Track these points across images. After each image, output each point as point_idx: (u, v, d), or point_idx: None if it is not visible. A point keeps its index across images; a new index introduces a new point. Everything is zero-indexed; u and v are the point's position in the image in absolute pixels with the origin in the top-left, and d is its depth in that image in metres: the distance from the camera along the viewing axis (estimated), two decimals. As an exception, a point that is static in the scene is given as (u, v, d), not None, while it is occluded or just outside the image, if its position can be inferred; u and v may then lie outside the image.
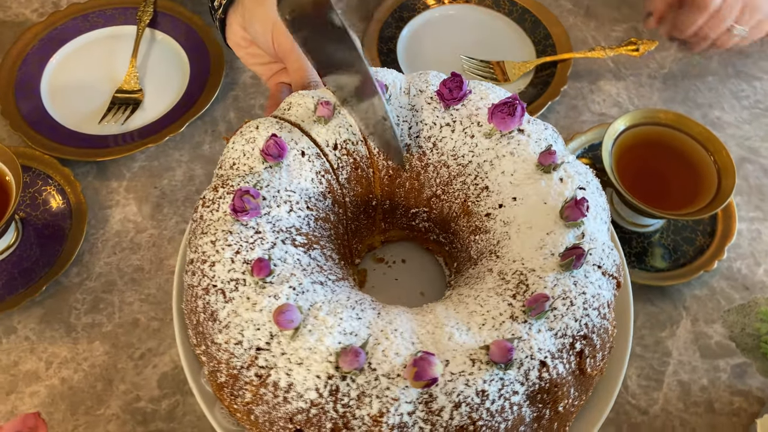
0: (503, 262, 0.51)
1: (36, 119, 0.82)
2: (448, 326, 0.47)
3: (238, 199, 0.49)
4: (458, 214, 0.58)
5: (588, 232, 0.50)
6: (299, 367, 0.45)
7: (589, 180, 0.54)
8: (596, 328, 0.48)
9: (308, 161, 0.54)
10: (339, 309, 0.47)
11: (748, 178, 0.84)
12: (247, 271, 0.48)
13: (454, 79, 0.55)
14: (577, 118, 0.89)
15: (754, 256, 0.78)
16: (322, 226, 0.54)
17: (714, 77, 0.93)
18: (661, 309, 0.74)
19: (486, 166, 0.56)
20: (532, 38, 0.93)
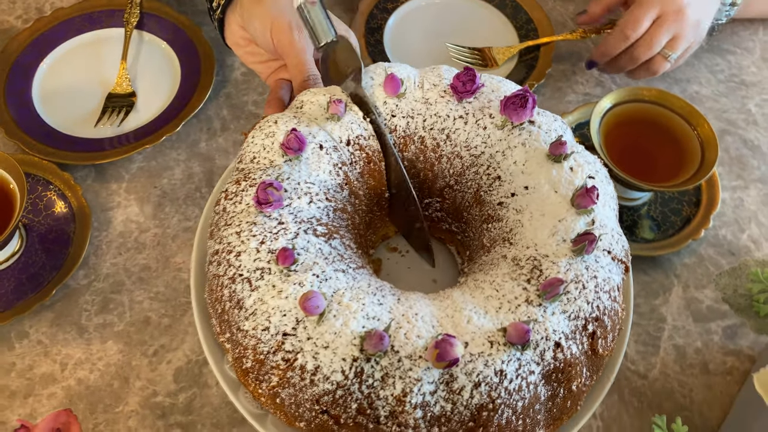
0: (517, 249, 0.54)
1: (31, 125, 0.82)
2: (466, 310, 0.49)
3: (262, 192, 0.50)
4: (471, 204, 0.60)
5: (598, 218, 0.53)
6: (325, 350, 0.47)
7: (597, 169, 0.57)
8: (607, 311, 0.51)
9: (326, 154, 0.56)
10: (361, 295, 0.49)
11: (729, 149, 0.88)
12: (272, 260, 0.50)
13: (467, 73, 0.58)
14: (563, 99, 0.91)
15: (738, 223, 0.82)
16: (340, 216, 0.56)
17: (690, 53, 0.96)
18: (654, 278, 0.78)
19: (498, 157, 0.58)
20: (514, 23, 0.95)
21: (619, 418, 0.69)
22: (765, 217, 0.83)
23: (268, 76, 0.75)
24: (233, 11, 0.73)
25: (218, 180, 0.81)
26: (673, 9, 0.79)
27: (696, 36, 0.83)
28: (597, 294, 0.50)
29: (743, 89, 0.93)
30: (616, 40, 0.82)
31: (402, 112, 0.59)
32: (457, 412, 0.46)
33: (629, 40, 0.80)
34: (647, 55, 0.82)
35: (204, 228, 0.64)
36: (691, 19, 0.80)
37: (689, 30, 0.81)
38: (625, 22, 0.80)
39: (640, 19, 0.79)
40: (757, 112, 0.91)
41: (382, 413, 0.46)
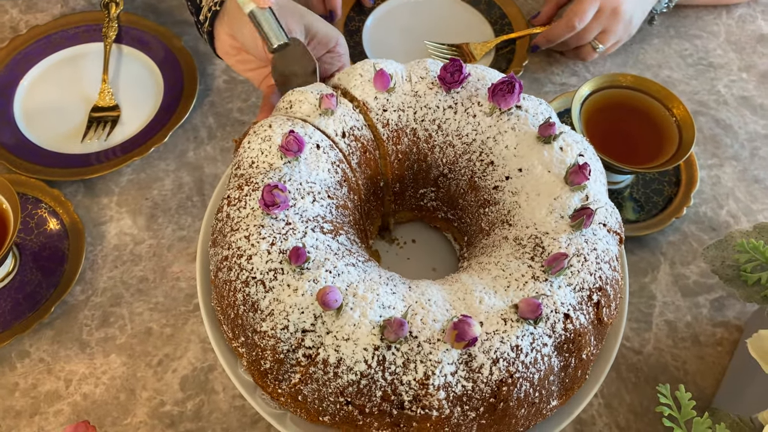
0: (517, 229, 0.56)
1: (15, 144, 0.82)
2: (476, 291, 0.51)
3: (268, 194, 0.51)
4: (466, 190, 0.62)
5: (591, 194, 0.55)
6: (347, 342, 0.48)
7: (585, 147, 0.59)
8: (609, 280, 0.53)
9: (323, 153, 0.57)
10: (374, 286, 0.51)
11: (702, 129, 0.91)
12: (284, 260, 0.51)
13: (454, 64, 0.59)
14: (541, 89, 0.94)
15: (716, 200, 0.85)
16: (342, 213, 0.57)
17: (659, 39, 1.00)
18: (641, 257, 0.80)
19: (490, 143, 0.60)
20: (488, 19, 0.97)
21: (618, 394, 0.71)
22: (741, 192, 0.86)
23: (260, 82, 0.76)
24: (221, 22, 0.73)
25: (208, 188, 0.82)
26: (611, 6, 0.86)
27: (626, 31, 0.91)
28: (598, 265, 0.52)
29: (712, 71, 0.97)
30: (562, 29, 0.88)
31: (393, 106, 0.61)
32: (478, 389, 0.48)
33: (575, 30, 0.87)
34: (577, 44, 0.91)
35: (206, 239, 0.64)
36: (625, 16, 0.88)
37: (620, 26, 0.89)
38: (573, 12, 0.86)
39: (586, 11, 0.86)
40: (726, 93, 0.95)
41: (406, 398, 0.47)
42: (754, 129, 0.91)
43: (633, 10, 0.89)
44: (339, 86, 0.63)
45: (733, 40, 1.00)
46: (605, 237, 0.55)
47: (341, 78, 0.63)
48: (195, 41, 0.94)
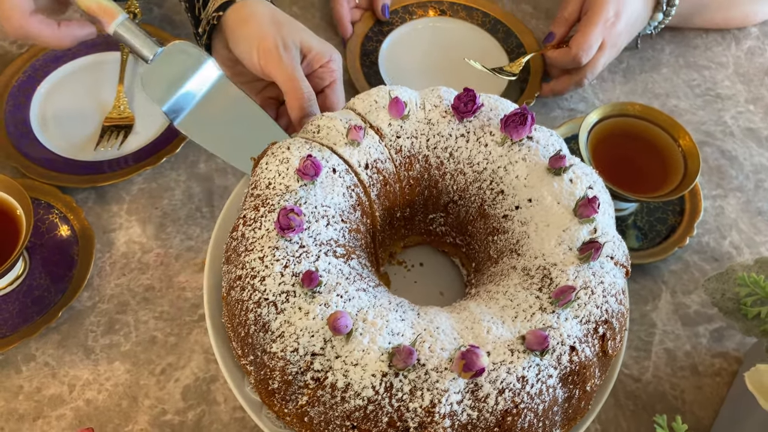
0: (525, 259, 0.57)
1: (30, 149, 0.83)
2: (484, 321, 0.52)
3: (284, 218, 0.52)
4: (475, 217, 0.63)
5: (600, 227, 0.56)
6: (355, 367, 0.49)
7: (595, 180, 0.60)
8: (615, 313, 0.54)
9: (339, 177, 0.58)
10: (384, 312, 0.52)
11: (708, 159, 0.92)
12: (296, 283, 0.52)
13: (467, 94, 0.60)
14: (549, 114, 0.95)
15: (719, 230, 0.86)
16: (355, 236, 0.58)
17: (668, 69, 1.01)
18: (643, 285, 0.81)
19: (500, 172, 0.61)
20: (505, 48, 0.99)
21: (615, 421, 0.71)
22: (744, 224, 0.87)
23: (257, 94, 0.77)
24: (218, 36, 0.75)
25: (218, 199, 0.83)
26: (611, 41, 0.89)
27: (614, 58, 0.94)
28: (605, 298, 0.53)
29: (719, 102, 0.98)
30: (568, 61, 0.90)
31: (406, 133, 0.62)
32: (483, 418, 0.48)
33: (581, 64, 0.89)
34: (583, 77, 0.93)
35: (214, 253, 0.65)
36: (621, 48, 0.93)
37: (614, 56, 0.93)
38: (579, 47, 0.88)
39: (592, 47, 0.88)
40: (733, 124, 0.96)
41: (412, 425, 0.48)
42: (759, 161, 0.92)
43: (625, 40, 0.93)
44: (353, 110, 0.64)
45: (741, 72, 1.01)
46: (612, 270, 0.56)
47: (356, 103, 0.64)
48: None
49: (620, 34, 0.90)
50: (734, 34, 1.05)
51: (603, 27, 0.88)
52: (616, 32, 0.89)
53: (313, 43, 0.73)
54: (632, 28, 0.93)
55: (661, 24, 0.96)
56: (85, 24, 0.64)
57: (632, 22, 0.92)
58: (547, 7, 1.06)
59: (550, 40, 0.95)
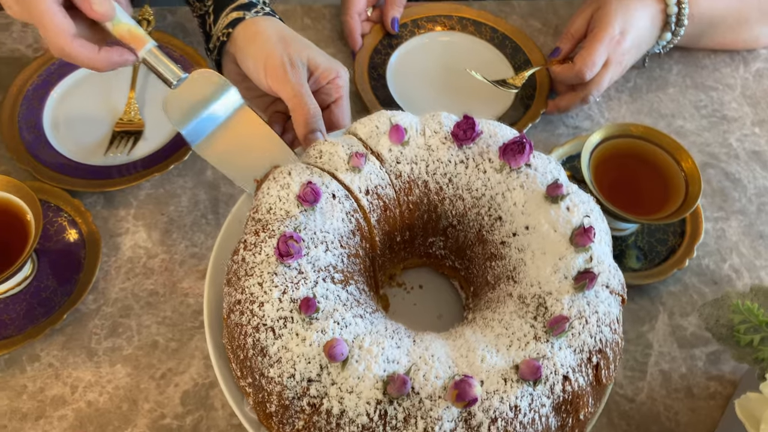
0: (521, 287, 0.57)
1: (42, 153, 0.85)
2: (479, 349, 0.53)
3: (283, 244, 0.53)
4: (473, 242, 0.64)
5: (595, 255, 0.57)
6: (350, 394, 0.50)
7: (592, 208, 0.61)
8: (609, 342, 0.55)
9: (339, 203, 0.59)
10: (380, 339, 0.53)
11: (711, 181, 0.92)
12: (294, 309, 0.53)
13: (467, 121, 0.61)
14: (554, 132, 0.96)
15: (720, 253, 0.86)
16: (354, 261, 0.59)
17: (675, 89, 1.01)
18: (641, 306, 0.81)
19: (498, 198, 0.62)
20: (512, 62, 0.99)
21: (608, 441, 0.72)
22: (745, 247, 0.87)
23: (265, 109, 0.79)
24: (228, 51, 0.77)
25: (223, 207, 0.85)
26: (616, 59, 0.90)
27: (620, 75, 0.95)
28: (599, 327, 0.54)
29: (725, 124, 0.98)
30: (572, 77, 0.90)
31: (406, 159, 0.63)
32: (476, 447, 0.49)
33: (584, 80, 0.90)
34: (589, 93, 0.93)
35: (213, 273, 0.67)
36: (627, 66, 0.93)
37: (618, 74, 0.93)
38: (583, 62, 0.88)
39: (596, 63, 0.89)
40: (738, 147, 0.96)
41: (406, 453, 0.49)
42: (763, 184, 0.92)
43: (632, 58, 0.93)
44: (355, 134, 0.65)
45: (748, 95, 1.02)
46: (607, 299, 0.56)
47: (358, 128, 0.65)
48: (221, 62, 0.97)
49: (626, 52, 0.91)
50: (743, 56, 1.06)
51: (608, 44, 0.89)
52: (622, 50, 0.90)
53: (320, 60, 0.74)
54: (639, 46, 0.93)
55: (669, 43, 0.97)
56: (124, 51, 0.67)
57: (639, 41, 0.93)
58: (556, 23, 1.07)
59: (555, 55, 0.95)
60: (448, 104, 0.95)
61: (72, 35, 0.63)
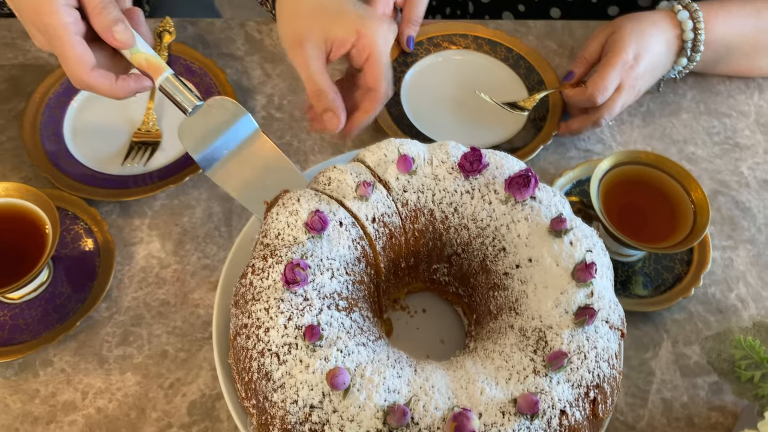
0: (523, 319, 0.59)
1: (62, 161, 0.87)
2: (479, 381, 0.54)
3: (290, 272, 0.55)
4: (477, 271, 0.65)
5: (596, 290, 0.58)
6: (351, 423, 0.51)
7: (594, 242, 0.62)
8: (606, 378, 0.56)
9: (345, 230, 0.61)
10: (382, 368, 0.54)
11: (721, 209, 0.93)
12: (299, 335, 0.54)
13: (474, 153, 0.63)
14: (565, 154, 0.96)
15: (726, 282, 0.86)
16: (358, 288, 0.60)
17: (688, 114, 1.02)
18: (645, 332, 0.82)
19: (503, 230, 0.63)
20: (526, 83, 1.00)
21: (606, 468, 0.73)
22: (753, 277, 0.87)
23: None
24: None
25: (236, 219, 0.86)
26: (629, 84, 0.90)
27: (634, 100, 0.95)
28: (597, 363, 0.55)
29: (737, 152, 0.98)
30: (584, 101, 0.91)
31: (413, 188, 0.64)
32: (473, 479, 0.51)
33: (596, 104, 0.90)
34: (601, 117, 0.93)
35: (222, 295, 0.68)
36: (640, 91, 0.93)
37: (632, 99, 0.93)
38: (595, 86, 0.89)
39: (608, 88, 0.89)
40: (749, 175, 0.96)
41: (404, 483, 0.50)
42: (773, 214, 0.92)
43: (646, 85, 0.94)
44: (363, 162, 0.66)
45: (762, 122, 1.01)
46: (607, 334, 0.57)
47: (366, 156, 0.66)
48: (238, 75, 0.99)
49: (639, 77, 0.91)
50: (758, 83, 1.06)
51: (621, 69, 0.89)
52: (635, 75, 0.90)
53: (335, 31, 0.75)
54: (654, 71, 0.94)
55: (685, 69, 0.97)
56: (141, 78, 0.69)
57: (654, 66, 0.93)
58: (572, 45, 1.08)
59: (569, 79, 0.96)
60: (461, 123, 0.97)
61: (91, 66, 0.66)
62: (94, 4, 0.65)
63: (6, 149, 0.90)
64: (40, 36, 0.67)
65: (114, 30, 0.65)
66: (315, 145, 0.94)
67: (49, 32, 0.65)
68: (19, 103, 0.93)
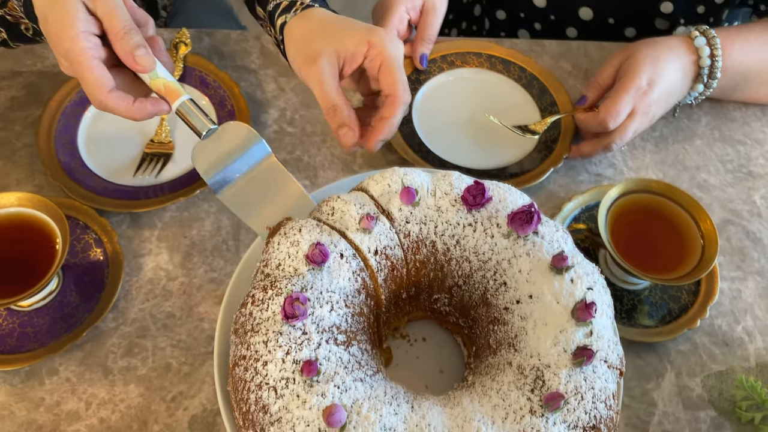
0: (521, 357, 0.59)
1: (75, 170, 0.88)
2: (475, 420, 0.54)
3: (289, 306, 0.55)
4: (478, 304, 0.65)
5: (596, 330, 0.58)
6: None
7: (596, 280, 0.62)
8: (603, 419, 0.56)
9: (346, 262, 0.61)
10: (378, 405, 0.54)
11: (731, 239, 0.92)
12: (296, 370, 0.55)
13: (477, 187, 0.63)
14: (575, 178, 0.96)
15: (733, 314, 0.86)
16: (358, 320, 0.60)
17: (701, 141, 1.01)
18: (648, 362, 0.81)
19: (504, 264, 0.63)
20: (538, 104, 1.00)
21: (604, 499, 0.72)
22: (761, 310, 0.86)
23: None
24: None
25: (245, 234, 0.87)
26: (642, 109, 0.90)
27: (647, 126, 0.94)
28: (594, 404, 0.55)
29: (750, 180, 0.97)
30: (595, 125, 0.91)
31: (415, 219, 0.64)
32: None
33: (607, 129, 0.90)
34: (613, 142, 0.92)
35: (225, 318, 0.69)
36: (654, 117, 0.92)
37: (645, 125, 0.92)
38: (607, 112, 0.89)
39: (620, 113, 0.89)
40: (761, 205, 0.95)
41: None
42: (784, 245, 0.92)
43: (660, 110, 0.93)
44: (367, 191, 0.67)
45: (777, 151, 1.00)
46: (605, 374, 0.57)
47: (370, 185, 0.67)
48: (252, 88, 1.00)
49: (653, 103, 0.91)
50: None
51: (634, 95, 0.89)
52: (648, 101, 0.90)
53: (347, 45, 0.77)
54: (668, 98, 0.93)
55: (701, 95, 0.96)
56: (158, 102, 0.70)
57: (668, 92, 0.92)
58: (586, 66, 1.07)
59: (581, 103, 0.96)
60: (471, 143, 0.97)
61: (109, 88, 0.68)
62: (116, 30, 0.67)
63: (21, 156, 0.91)
64: (64, 62, 0.69)
65: (135, 55, 0.67)
66: (325, 161, 0.95)
67: (70, 57, 0.67)
68: (36, 110, 0.95)
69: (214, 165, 0.71)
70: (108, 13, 0.67)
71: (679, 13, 1.05)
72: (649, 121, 0.93)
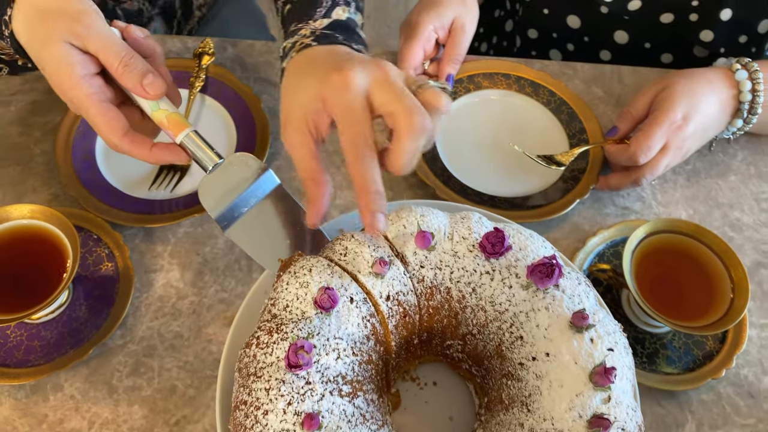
0: (534, 419, 0.56)
1: (90, 180, 0.87)
2: None
3: (293, 355, 0.53)
4: (492, 355, 0.62)
5: (614, 395, 0.55)
6: None
7: (617, 340, 0.59)
8: None
9: (356, 307, 0.59)
10: None
11: (762, 283, 0.88)
12: (297, 423, 0.53)
13: (496, 234, 0.60)
14: (602, 210, 0.93)
15: (761, 364, 0.82)
16: (365, 368, 0.58)
17: (736, 177, 0.97)
18: (668, 411, 0.78)
19: (522, 317, 0.60)
20: (567, 131, 0.97)
21: None
22: (790, 361, 0.82)
23: None
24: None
25: (257, 254, 0.85)
26: (676, 144, 0.86)
27: (681, 160, 0.90)
28: None
29: (786, 221, 0.93)
30: (626, 159, 0.87)
31: (430, 264, 0.62)
32: None
33: (638, 163, 0.86)
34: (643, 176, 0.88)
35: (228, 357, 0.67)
36: (687, 153, 0.89)
37: (678, 159, 0.89)
38: (638, 146, 0.85)
39: (652, 149, 0.85)
40: (797, 248, 0.91)
41: None
42: (819, 293, 0.87)
43: (695, 145, 0.89)
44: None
45: (816, 191, 0.96)
46: None
47: None
48: (274, 102, 0.98)
49: (687, 137, 0.87)
50: (815, 146, 1.00)
51: (668, 129, 0.85)
52: (683, 135, 0.86)
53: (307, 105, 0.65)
54: (705, 132, 0.89)
55: (740, 131, 0.92)
56: (175, 150, 0.68)
57: (705, 127, 0.89)
58: (619, 92, 1.03)
59: (612, 135, 0.92)
60: (496, 169, 0.94)
61: (123, 131, 0.65)
62: (114, 66, 0.64)
63: (38, 162, 0.91)
64: (72, 106, 0.67)
65: (144, 84, 0.64)
66: (344, 180, 0.93)
67: (75, 103, 0.65)
68: (56, 115, 0.94)
69: (221, 200, 0.68)
70: (102, 50, 0.63)
71: (720, 42, 1.01)
72: (683, 157, 0.89)
